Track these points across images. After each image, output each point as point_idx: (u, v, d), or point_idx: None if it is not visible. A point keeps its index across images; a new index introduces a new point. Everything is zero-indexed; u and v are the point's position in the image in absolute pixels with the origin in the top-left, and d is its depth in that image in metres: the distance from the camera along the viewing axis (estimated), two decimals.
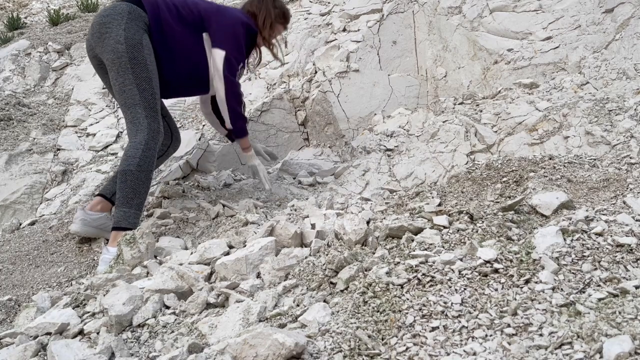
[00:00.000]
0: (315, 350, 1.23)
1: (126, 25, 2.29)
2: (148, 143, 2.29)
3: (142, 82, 2.30)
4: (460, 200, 2.07)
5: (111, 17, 2.31)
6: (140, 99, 2.30)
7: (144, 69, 2.30)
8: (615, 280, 1.28)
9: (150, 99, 2.32)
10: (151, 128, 2.31)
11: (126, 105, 2.32)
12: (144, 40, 2.32)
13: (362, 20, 3.93)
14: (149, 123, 2.31)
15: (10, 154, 3.35)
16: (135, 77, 2.28)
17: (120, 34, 2.27)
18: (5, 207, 3.08)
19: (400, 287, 1.38)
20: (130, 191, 2.25)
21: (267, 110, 3.52)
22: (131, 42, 2.27)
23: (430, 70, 3.65)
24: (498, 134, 2.72)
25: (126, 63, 2.27)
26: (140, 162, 2.26)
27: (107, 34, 2.29)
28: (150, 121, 2.32)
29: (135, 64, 2.28)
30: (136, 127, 2.31)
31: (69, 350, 1.48)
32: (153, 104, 2.34)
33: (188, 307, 1.63)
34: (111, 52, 2.28)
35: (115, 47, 2.27)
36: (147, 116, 2.31)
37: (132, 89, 2.29)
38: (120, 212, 2.24)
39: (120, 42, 2.27)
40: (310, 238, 1.92)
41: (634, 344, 1.01)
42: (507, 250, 1.46)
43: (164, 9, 2.41)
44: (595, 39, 3.02)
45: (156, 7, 2.39)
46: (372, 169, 2.88)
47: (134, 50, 2.28)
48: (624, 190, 1.86)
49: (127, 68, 2.27)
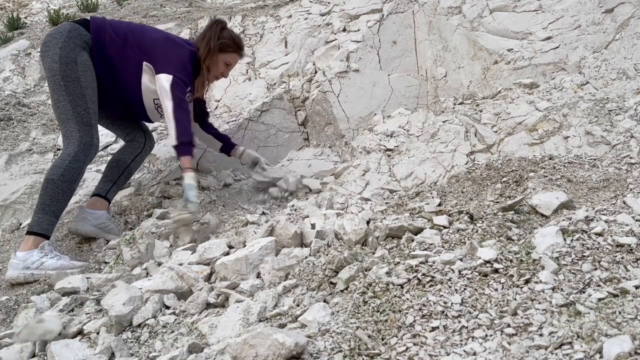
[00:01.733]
0: (315, 350, 1.23)
1: (63, 44, 2.37)
2: (77, 155, 2.33)
3: (75, 98, 2.36)
4: (460, 200, 2.07)
5: (52, 36, 2.42)
6: (73, 114, 2.36)
7: (77, 85, 2.36)
8: (615, 280, 1.28)
9: (83, 114, 2.37)
10: (82, 141, 2.36)
11: (60, 119, 2.40)
12: (79, 58, 2.39)
13: (362, 20, 3.92)
14: (80, 137, 2.36)
15: (10, 154, 3.35)
16: (68, 93, 2.35)
17: (56, 52, 2.37)
18: (5, 207, 3.08)
19: (400, 287, 1.38)
20: (48, 198, 2.27)
21: (267, 110, 3.52)
22: (65, 60, 2.36)
23: (430, 70, 3.65)
24: (498, 134, 2.72)
25: (60, 80, 2.35)
26: (64, 172, 2.30)
27: (46, 52, 2.41)
28: (82, 134, 2.36)
29: (68, 81, 2.35)
30: (68, 140, 2.36)
31: (69, 350, 1.48)
32: (87, 118, 2.38)
33: (188, 307, 1.63)
34: (48, 70, 2.39)
35: (51, 66, 2.37)
36: (79, 130, 2.36)
37: (65, 104, 2.36)
38: (35, 218, 2.27)
39: (55, 61, 2.36)
40: (310, 238, 1.92)
41: (634, 344, 1.01)
42: (507, 250, 1.46)
43: (109, 31, 2.48)
44: (595, 39, 3.02)
45: (101, 29, 2.47)
46: (372, 169, 2.88)
47: (67, 68, 2.36)
48: (624, 190, 1.86)
49: (61, 85, 2.35)
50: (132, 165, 2.75)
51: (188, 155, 2.45)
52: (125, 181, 2.78)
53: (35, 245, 2.22)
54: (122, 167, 2.69)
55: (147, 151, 2.83)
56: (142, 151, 2.79)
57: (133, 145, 2.79)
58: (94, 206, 2.57)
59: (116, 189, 2.70)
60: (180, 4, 5.63)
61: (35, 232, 2.24)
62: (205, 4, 5.68)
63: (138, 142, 2.80)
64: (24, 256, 2.20)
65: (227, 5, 5.49)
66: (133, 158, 2.74)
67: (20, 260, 2.19)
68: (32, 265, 2.18)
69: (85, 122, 2.38)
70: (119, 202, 2.85)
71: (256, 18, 4.57)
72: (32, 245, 2.22)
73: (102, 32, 2.47)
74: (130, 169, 2.74)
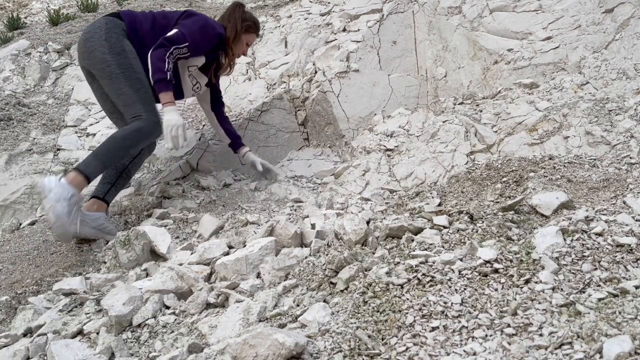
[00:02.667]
0: (315, 350, 1.23)
1: (106, 35, 2.53)
2: (144, 128, 2.48)
3: (134, 83, 2.51)
4: (460, 200, 2.07)
5: (92, 32, 2.58)
6: (137, 98, 2.51)
7: (132, 71, 2.52)
8: (615, 280, 1.28)
9: (145, 96, 2.53)
10: (150, 120, 2.50)
11: (126, 105, 2.53)
12: (125, 46, 2.56)
13: (362, 20, 3.92)
14: (148, 116, 2.51)
15: (10, 154, 3.35)
16: (127, 79, 2.50)
17: (103, 44, 2.51)
18: (5, 207, 3.08)
19: (400, 287, 1.38)
20: (104, 148, 2.43)
21: (267, 110, 3.52)
22: (115, 50, 2.51)
23: (430, 70, 3.65)
24: (498, 134, 2.72)
25: (116, 69, 2.49)
26: (127, 135, 2.46)
27: (92, 47, 2.54)
28: (150, 115, 2.51)
29: (124, 69, 2.50)
30: (139, 121, 2.50)
31: (69, 351, 1.48)
32: (149, 99, 2.55)
33: (188, 307, 1.63)
34: (100, 62, 2.52)
35: (103, 58, 2.51)
36: (145, 110, 2.51)
37: (127, 90, 2.50)
38: (86, 159, 2.40)
39: (105, 53, 2.50)
40: (310, 238, 1.92)
41: (634, 344, 1.01)
42: (507, 250, 1.46)
43: (139, 18, 2.67)
44: (595, 39, 3.02)
45: (132, 17, 2.66)
46: (372, 169, 2.87)
47: (119, 57, 2.51)
48: (624, 190, 1.86)
49: (118, 74, 2.49)
50: (131, 167, 2.72)
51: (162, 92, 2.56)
52: (125, 182, 2.74)
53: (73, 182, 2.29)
54: (120, 168, 2.66)
55: (145, 153, 2.79)
56: (141, 153, 2.75)
57: None
58: (91, 208, 2.54)
59: (115, 190, 2.66)
60: (180, 4, 5.63)
61: (81, 170, 2.36)
62: (205, 4, 5.68)
63: None
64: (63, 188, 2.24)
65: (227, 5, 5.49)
66: (131, 160, 2.70)
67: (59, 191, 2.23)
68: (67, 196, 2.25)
69: (149, 103, 2.55)
70: (119, 202, 2.84)
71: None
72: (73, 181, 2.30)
73: (133, 19, 2.66)
74: (129, 171, 2.71)
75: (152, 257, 2.19)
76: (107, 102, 2.75)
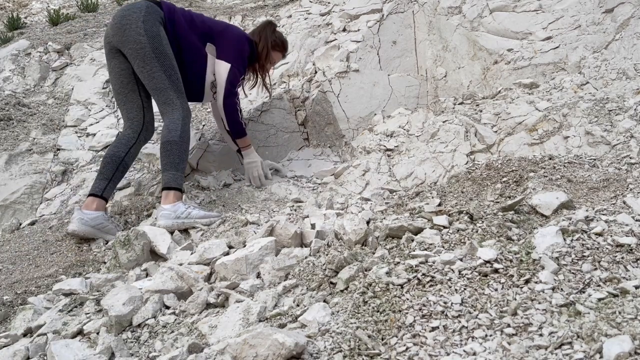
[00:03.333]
0: (315, 350, 1.23)
1: (145, 18, 2.57)
2: (184, 119, 2.60)
3: (167, 69, 2.59)
4: (460, 200, 2.07)
5: (130, 11, 2.60)
6: (170, 83, 2.60)
7: (166, 57, 2.60)
8: (615, 280, 1.28)
9: (177, 83, 2.63)
10: (184, 107, 2.62)
11: (157, 89, 2.60)
12: (160, 33, 2.61)
13: (362, 20, 3.92)
14: (181, 103, 2.62)
15: (10, 154, 3.35)
16: (161, 64, 2.57)
17: (140, 25, 2.55)
18: (5, 207, 3.08)
19: (400, 287, 1.38)
20: (176, 157, 2.54)
21: (267, 110, 3.52)
22: (150, 34, 2.56)
23: (430, 70, 3.65)
24: (498, 134, 2.72)
25: (150, 52, 2.55)
26: (181, 133, 2.56)
27: (127, 26, 2.56)
28: (182, 102, 2.63)
29: (158, 54, 2.57)
30: (171, 107, 2.59)
31: (69, 351, 1.48)
32: (181, 87, 2.65)
33: (188, 307, 1.63)
34: (133, 42, 2.55)
35: (138, 39, 2.55)
36: (177, 97, 2.61)
37: (160, 75, 2.58)
38: (169, 175, 2.53)
39: (141, 34, 2.54)
40: (310, 238, 1.92)
41: (634, 344, 1.01)
42: (507, 250, 1.46)
43: (179, 13, 2.75)
44: (595, 39, 3.02)
45: (172, 10, 2.73)
46: (372, 169, 2.87)
47: (154, 42, 2.56)
48: (624, 190, 1.86)
49: (152, 57, 2.56)
50: (127, 158, 2.65)
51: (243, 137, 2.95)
52: (121, 176, 2.68)
53: (177, 198, 2.49)
54: (116, 161, 2.60)
55: (141, 142, 2.74)
56: (136, 142, 2.71)
57: (127, 137, 2.69)
58: (90, 207, 2.52)
59: (112, 186, 2.61)
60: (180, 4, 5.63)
61: (173, 187, 2.51)
62: (205, 4, 5.68)
63: (133, 130, 2.71)
64: (171, 208, 2.43)
65: (227, 5, 5.50)
66: (127, 151, 2.65)
67: (170, 211, 2.42)
68: (181, 215, 2.41)
69: (181, 90, 2.64)
70: (118, 202, 2.84)
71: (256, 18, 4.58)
72: (174, 198, 2.48)
73: (173, 12, 2.73)
74: (125, 163, 2.65)
75: (152, 257, 2.19)
76: (119, 80, 2.72)
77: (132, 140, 2.69)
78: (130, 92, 2.71)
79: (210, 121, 3.62)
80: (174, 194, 2.49)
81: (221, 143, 3.29)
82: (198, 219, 2.43)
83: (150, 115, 2.78)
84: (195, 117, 3.71)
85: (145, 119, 2.75)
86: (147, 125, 2.76)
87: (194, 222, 2.42)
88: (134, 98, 2.72)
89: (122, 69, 2.69)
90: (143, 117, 2.74)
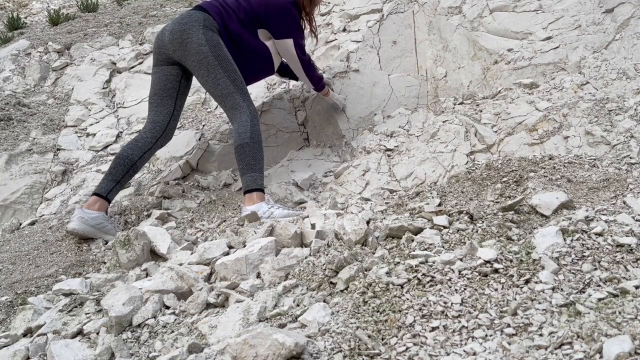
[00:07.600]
0: (315, 350, 1.23)
1: (204, 30, 2.65)
2: (253, 120, 2.62)
3: (231, 74, 2.66)
4: (460, 200, 2.07)
5: (189, 24, 2.67)
6: (235, 88, 2.66)
7: (228, 63, 2.67)
8: (615, 280, 1.28)
9: (242, 87, 2.69)
10: (250, 109, 2.66)
11: (223, 95, 2.66)
12: (220, 40, 2.70)
13: (362, 20, 3.92)
14: (247, 105, 2.66)
15: (10, 154, 3.35)
16: (225, 70, 2.64)
17: (200, 37, 2.63)
18: (5, 207, 3.08)
19: (400, 287, 1.38)
20: (251, 158, 2.56)
21: (267, 110, 3.52)
22: (211, 43, 2.64)
23: (430, 70, 3.64)
24: (498, 134, 2.72)
25: (213, 61, 2.63)
26: (252, 135, 2.58)
27: (189, 37, 2.64)
28: (248, 104, 2.67)
29: (221, 60, 2.64)
30: (238, 111, 2.64)
31: (69, 351, 1.48)
32: (245, 90, 2.71)
33: (188, 307, 1.63)
34: (196, 53, 2.63)
35: (199, 49, 2.62)
36: (244, 100, 2.66)
37: (225, 80, 2.64)
38: (247, 178, 2.54)
39: (202, 44, 2.62)
40: (310, 238, 1.92)
41: (634, 344, 1.01)
42: (507, 250, 1.46)
43: (225, 16, 2.79)
44: (595, 39, 3.02)
45: (221, 16, 2.78)
46: (372, 169, 2.87)
47: (216, 49, 2.64)
48: (624, 190, 1.86)
49: (215, 65, 2.63)
50: (139, 162, 2.66)
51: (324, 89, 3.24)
52: (129, 179, 2.69)
53: (260, 199, 2.50)
54: (128, 164, 2.60)
55: (156, 148, 2.75)
56: (152, 147, 2.72)
57: (144, 140, 2.69)
58: (93, 207, 2.52)
59: (119, 188, 2.61)
60: (180, 4, 5.63)
61: (254, 188, 2.52)
62: None
63: (152, 135, 2.71)
64: (255, 208, 2.43)
65: None
66: (141, 155, 2.65)
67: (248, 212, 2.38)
68: (264, 214, 2.39)
69: (245, 92, 2.70)
70: (119, 202, 2.84)
71: None
72: (257, 199, 2.49)
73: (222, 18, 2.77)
74: (136, 167, 2.65)
75: (152, 257, 2.19)
76: (163, 84, 2.78)
77: (148, 144, 2.70)
78: (167, 97, 2.78)
79: (210, 121, 3.63)
80: (256, 194, 2.50)
81: (221, 143, 3.29)
82: (281, 217, 2.36)
83: (174, 124, 2.84)
84: (195, 117, 3.71)
85: (169, 126, 2.79)
86: (167, 133, 2.79)
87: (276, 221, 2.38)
88: (168, 103, 2.78)
89: (171, 74, 2.78)
90: (167, 124, 2.77)
